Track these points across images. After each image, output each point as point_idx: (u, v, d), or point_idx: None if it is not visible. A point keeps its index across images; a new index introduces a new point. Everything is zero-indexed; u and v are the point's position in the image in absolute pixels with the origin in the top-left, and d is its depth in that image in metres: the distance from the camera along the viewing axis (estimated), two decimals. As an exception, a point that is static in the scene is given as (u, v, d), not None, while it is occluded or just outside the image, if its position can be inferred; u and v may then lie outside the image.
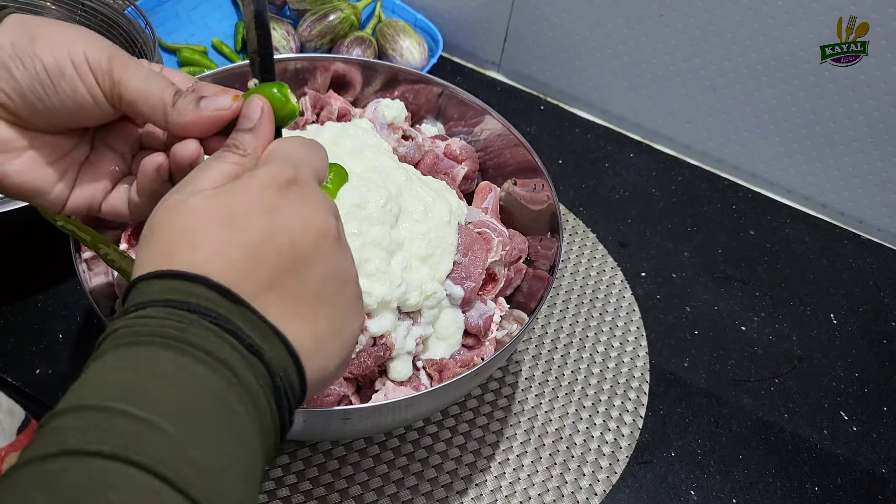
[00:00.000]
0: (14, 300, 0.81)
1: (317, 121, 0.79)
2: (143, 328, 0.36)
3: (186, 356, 0.35)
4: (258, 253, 0.39)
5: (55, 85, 0.45)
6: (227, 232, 0.39)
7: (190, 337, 0.36)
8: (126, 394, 0.33)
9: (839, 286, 0.95)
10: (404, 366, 0.66)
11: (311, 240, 0.41)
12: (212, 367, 0.35)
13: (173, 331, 0.36)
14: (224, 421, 0.34)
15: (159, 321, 0.36)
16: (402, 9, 1.13)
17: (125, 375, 0.34)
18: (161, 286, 0.37)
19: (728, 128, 1.04)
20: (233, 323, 0.37)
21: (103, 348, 0.36)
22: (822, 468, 0.78)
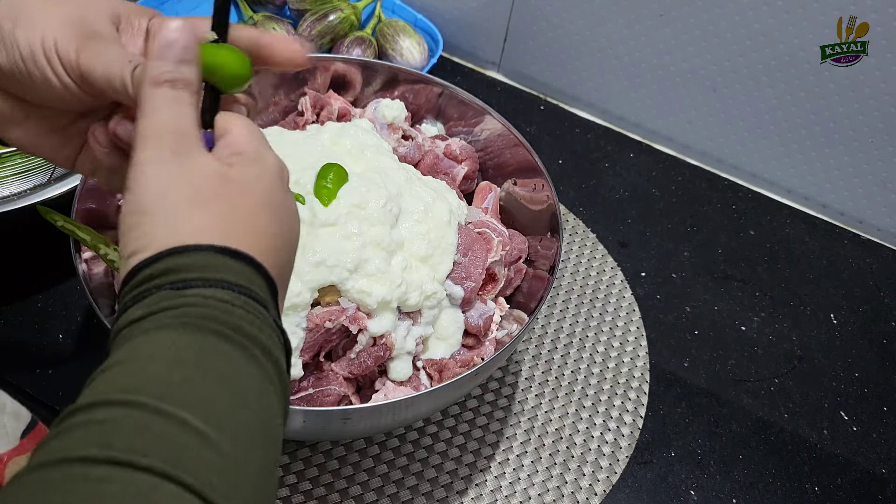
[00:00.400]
0: (14, 300, 0.81)
1: (317, 121, 0.79)
2: (218, 314, 0.35)
3: (255, 363, 0.35)
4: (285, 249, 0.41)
5: (30, 72, 0.44)
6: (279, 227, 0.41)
7: (262, 338, 0.36)
8: (188, 399, 0.32)
9: (839, 286, 0.95)
10: (404, 366, 0.66)
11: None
12: (269, 378, 0.35)
13: (246, 325, 0.35)
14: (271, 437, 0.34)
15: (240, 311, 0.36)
16: (402, 9, 1.13)
17: (189, 374, 0.33)
18: (231, 266, 0.37)
19: (728, 128, 1.04)
20: (279, 320, 0.38)
21: (163, 317, 0.35)
22: (822, 468, 0.78)
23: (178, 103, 0.41)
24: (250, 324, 0.36)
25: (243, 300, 0.36)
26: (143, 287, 0.36)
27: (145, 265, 0.37)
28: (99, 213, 0.68)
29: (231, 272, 0.37)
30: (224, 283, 0.36)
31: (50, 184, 0.76)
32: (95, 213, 0.67)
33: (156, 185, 0.39)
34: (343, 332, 0.63)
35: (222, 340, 0.34)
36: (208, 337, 0.34)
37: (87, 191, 0.67)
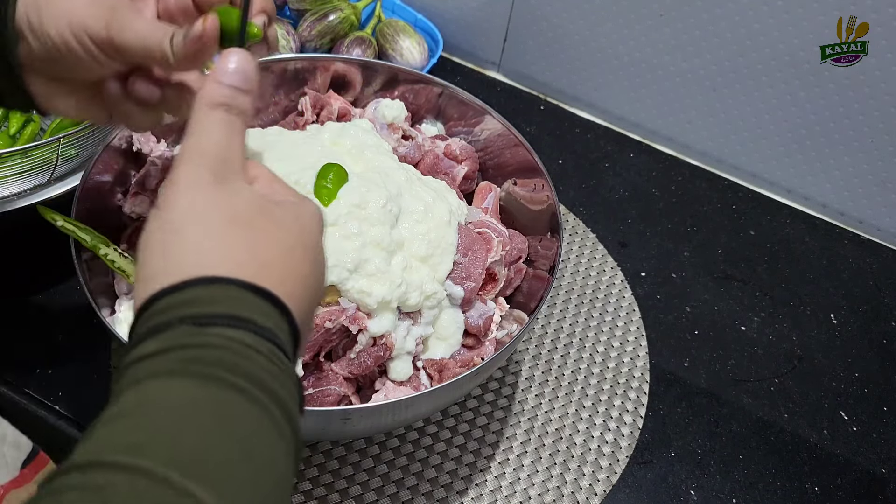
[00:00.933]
0: (14, 300, 0.81)
1: (317, 121, 0.79)
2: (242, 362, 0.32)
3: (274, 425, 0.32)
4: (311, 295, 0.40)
5: (64, 57, 0.47)
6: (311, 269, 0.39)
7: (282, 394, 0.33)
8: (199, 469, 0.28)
9: (839, 286, 0.95)
10: (404, 366, 0.66)
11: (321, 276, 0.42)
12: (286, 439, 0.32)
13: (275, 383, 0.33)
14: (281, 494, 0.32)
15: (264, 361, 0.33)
16: (402, 9, 1.13)
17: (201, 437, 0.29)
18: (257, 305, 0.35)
19: (728, 128, 1.04)
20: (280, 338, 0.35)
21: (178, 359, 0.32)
22: (822, 468, 0.78)
23: (229, 128, 0.40)
24: (272, 376, 0.33)
25: (268, 347, 0.34)
26: (162, 318, 0.34)
27: (168, 292, 0.34)
28: (99, 213, 0.68)
29: (259, 313, 0.34)
30: (251, 325, 0.34)
31: (50, 184, 0.76)
32: (95, 213, 0.67)
33: (190, 206, 0.37)
34: (343, 332, 0.63)
35: (241, 396, 0.31)
36: (226, 392, 0.31)
37: (87, 191, 0.67)
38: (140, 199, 0.70)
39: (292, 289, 0.37)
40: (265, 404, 0.32)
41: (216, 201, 0.37)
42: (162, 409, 0.30)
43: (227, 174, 0.39)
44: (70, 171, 0.78)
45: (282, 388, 0.33)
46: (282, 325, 0.36)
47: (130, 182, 0.72)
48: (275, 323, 0.35)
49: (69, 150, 0.76)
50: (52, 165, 0.74)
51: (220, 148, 0.39)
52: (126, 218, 0.71)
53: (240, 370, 0.32)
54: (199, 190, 0.37)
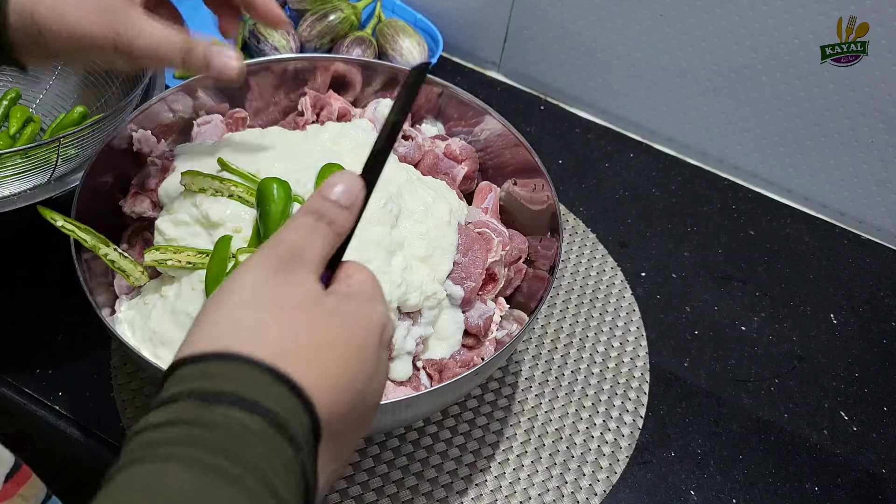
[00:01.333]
0: (14, 300, 0.81)
1: (317, 121, 0.79)
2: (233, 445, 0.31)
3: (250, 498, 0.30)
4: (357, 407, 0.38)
5: (77, 62, 0.52)
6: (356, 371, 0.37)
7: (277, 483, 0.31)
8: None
9: (839, 286, 0.95)
10: (404, 366, 0.66)
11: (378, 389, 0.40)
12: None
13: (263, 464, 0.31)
14: None
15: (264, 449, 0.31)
16: (402, 9, 1.13)
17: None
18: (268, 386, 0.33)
19: (728, 128, 1.04)
20: (311, 471, 0.34)
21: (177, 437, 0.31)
22: (822, 468, 0.78)
23: (317, 232, 0.41)
24: (273, 469, 0.31)
25: (271, 434, 0.32)
26: (177, 388, 0.33)
27: (189, 361, 0.34)
28: (99, 213, 0.68)
29: (271, 397, 0.33)
30: (258, 407, 0.32)
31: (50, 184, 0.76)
32: (95, 213, 0.67)
33: (244, 283, 0.37)
34: (343, 332, 0.63)
35: (230, 485, 0.30)
36: (216, 482, 0.30)
37: (87, 191, 0.67)
38: (140, 199, 0.70)
39: (322, 383, 0.35)
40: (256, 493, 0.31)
41: (269, 284, 0.37)
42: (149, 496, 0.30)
43: (295, 265, 0.39)
44: (70, 171, 0.78)
45: (282, 482, 0.32)
46: (300, 416, 0.34)
47: (130, 182, 0.72)
48: (289, 411, 0.33)
49: (69, 150, 0.76)
50: (52, 165, 0.74)
51: (297, 240, 0.40)
52: (126, 218, 0.71)
53: (234, 456, 0.31)
54: (258, 272, 0.38)
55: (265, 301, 0.37)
